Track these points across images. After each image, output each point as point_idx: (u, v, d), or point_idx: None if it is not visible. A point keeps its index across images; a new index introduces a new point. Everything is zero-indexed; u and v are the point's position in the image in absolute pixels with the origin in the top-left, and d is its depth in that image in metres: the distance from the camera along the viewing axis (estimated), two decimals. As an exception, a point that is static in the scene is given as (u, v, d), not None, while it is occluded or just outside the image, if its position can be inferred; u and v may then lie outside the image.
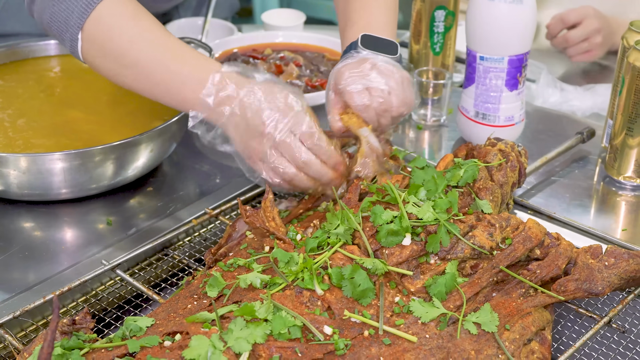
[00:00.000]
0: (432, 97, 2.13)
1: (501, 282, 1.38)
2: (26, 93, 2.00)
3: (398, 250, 1.36)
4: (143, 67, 1.61)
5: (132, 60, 1.60)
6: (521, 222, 1.43)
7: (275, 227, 1.43)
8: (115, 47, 1.61)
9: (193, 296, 1.30)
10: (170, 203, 1.80)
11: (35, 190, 1.74)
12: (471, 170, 1.51)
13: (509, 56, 1.88)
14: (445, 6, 2.16)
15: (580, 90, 2.29)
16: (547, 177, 1.91)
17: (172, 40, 1.62)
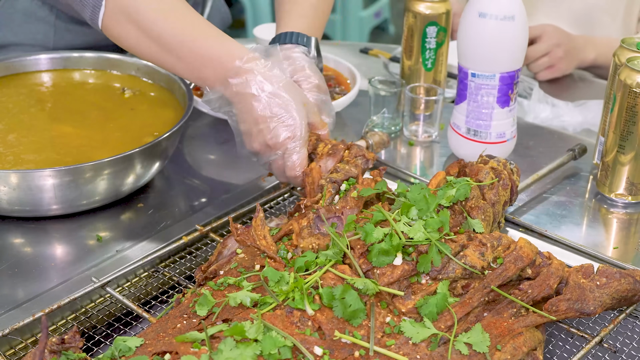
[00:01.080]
0: (423, 113, 2.12)
1: (492, 301, 1.37)
2: (16, 108, 2.00)
3: (389, 270, 1.35)
4: (167, 41, 1.64)
5: (157, 33, 1.63)
6: (512, 242, 1.43)
7: (266, 246, 1.43)
8: (141, 17, 1.63)
9: (183, 315, 1.30)
10: (161, 219, 1.80)
11: (26, 207, 1.74)
12: (463, 189, 1.50)
13: (500, 73, 1.88)
14: (437, 22, 2.16)
15: (571, 106, 2.29)
16: (539, 194, 1.91)
17: (199, 18, 1.68)
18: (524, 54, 1.91)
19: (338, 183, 1.57)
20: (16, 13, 2.44)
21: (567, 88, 2.52)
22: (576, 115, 2.27)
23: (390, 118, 2.16)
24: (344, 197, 1.53)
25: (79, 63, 2.16)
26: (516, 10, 1.84)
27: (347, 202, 1.52)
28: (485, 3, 1.84)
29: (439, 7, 2.16)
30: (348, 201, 1.52)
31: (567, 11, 2.76)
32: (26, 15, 2.43)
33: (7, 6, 2.45)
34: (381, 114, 2.15)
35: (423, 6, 2.16)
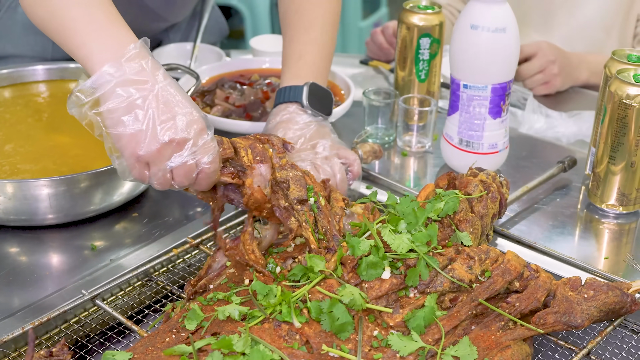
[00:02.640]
0: (417, 124, 2.14)
1: (480, 315, 1.38)
2: (14, 118, 2.01)
3: (377, 284, 1.36)
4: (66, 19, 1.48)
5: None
6: (500, 255, 1.44)
7: (254, 260, 1.44)
8: None
9: (172, 330, 1.31)
10: (155, 229, 1.81)
11: (21, 216, 1.75)
12: (452, 202, 1.51)
13: (492, 84, 1.90)
14: (431, 34, 2.17)
15: (565, 117, 2.30)
16: (530, 205, 1.92)
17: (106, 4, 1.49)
18: (516, 66, 1.92)
19: (304, 199, 1.51)
20: (15, 25, 2.45)
21: (561, 99, 2.52)
22: (570, 125, 2.28)
23: (384, 129, 2.17)
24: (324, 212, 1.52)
25: (76, 74, 2.16)
26: (508, 23, 1.85)
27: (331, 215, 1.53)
28: (477, 15, 1.85)
29: (432, 19, 2.17)
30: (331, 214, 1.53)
31: (560, 26, 2.77)
32: (25, 28, 2.45)
33: (6, 18, 2.46)
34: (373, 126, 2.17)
35: (416, 18, 2.17)
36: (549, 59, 2.48)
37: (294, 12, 1.96)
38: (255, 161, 1.49)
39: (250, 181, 1.48)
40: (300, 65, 1.90)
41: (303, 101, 1.82)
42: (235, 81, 2.35)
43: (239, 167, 1.48)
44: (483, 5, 1.85)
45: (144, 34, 1.61)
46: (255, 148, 1.50)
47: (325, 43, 1.95)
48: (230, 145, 1.48)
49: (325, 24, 1.95)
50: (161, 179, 1.44)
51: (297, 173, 1.51)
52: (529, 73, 2.49)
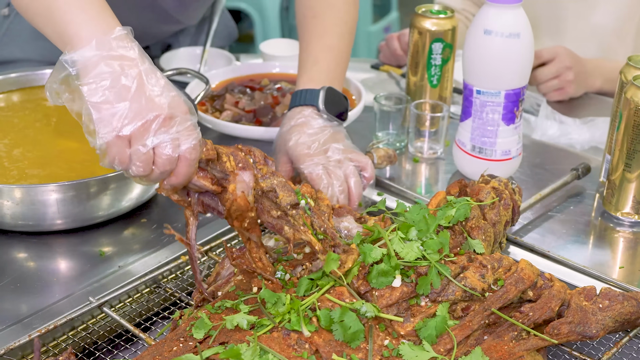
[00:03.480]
0: (429, 130, 2.12)
1: (493, 324, 1.36)
2: (22, 122, 2.00)
3: (388, 292, 1.34)
4: None
5: None
6: (514, 263, 1.42)
7: (262, 268, 1.42)
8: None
9: (179, 339, 1.29)
10: (163, 235, 1.79)
11: (29, 221, 1.74)
12: (463, 209, 1.49)
13: (505, 90, 1.88)
14: (443, 39, 2.16)
15: (579, 123, 2.28)
16: (543, 213, 1.90)
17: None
18: (530, 72, 1.90)
19: (297, 203, 1.47)
20: (24, 30, 2.45)
21: (575, 105, 2.51)
22: (584, 132, 2.26)
23: (395, 134, 2.16)
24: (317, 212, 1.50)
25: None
26: (522, 28, 1.83)
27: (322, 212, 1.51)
28: (491, 20, 1.84)
29: (444, 24, 2.16)
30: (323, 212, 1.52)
31: (571, 30, 2.74)
32: (34, 33, 2.44)
33: (15, 23, 2.45)
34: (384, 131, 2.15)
35: (429, 23, 2.16)
36: (566, 65, 2.46)
37: (312, 17, 1.96)
38: (238, 168, 1.44)
39: (233, 187, 1.43)
40: (316, 70, 1.90)
41: (319, 105, 1.82)
42: (245, 86, 2.34)
43: (220, 173, 1.44)
44: (497, 10, 1.83)
45: (155, 37, 1.60)
46: (237, 156, 1.46)
47: (341, 49, 1.95)
48: (212, 147, 1.44)
49: (343, 30, 1.96)
50: (142, 158, 1.36)
51: (280, 180, 1.47)
52: (544, 78, 2.47)
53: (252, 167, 1.45)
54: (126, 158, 1.38)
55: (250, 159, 1.47)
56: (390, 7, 6.12)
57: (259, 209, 1.47)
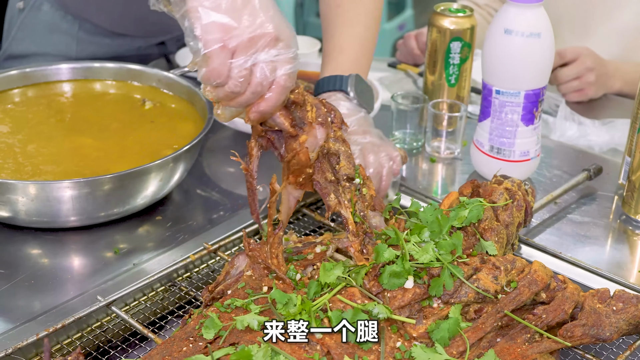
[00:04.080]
0: (446, 129, 2.10)
1: (506, 326, 1.35)
2: (36, 118, 2.00)
3: (400, 294, 1.33)
4: None
5: None
6: (527, 265, 1.40)
7: (276, 265, 1.41)
8: None
9: (189, 338, 1.28)
10: (178, 233, 1.79)
11: (43, 218, 1.74)
12: (476, 211, 1.48)
13: (525, 91, 1.86)
14: (462, 38, 2.14)
15: (598, 125, 2.27)
16: (555, 214, 1.88)
17: None
18: (550, 72, 1.89)
19: (353, 178, 1.47)
20: (39, 24, 2.45)
21: (594, 106, 2.49)
22: (603, 134, 2.24)
23: (412, 134, 2.15)
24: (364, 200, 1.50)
25: (100, 73, 2.15)
26: (543, 28, 1.82)
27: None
28: (511, 19, 1.82)
29: (463, 23, 2.14)
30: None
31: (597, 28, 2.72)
32: (49, 27, 2.44)
33: (30, 16, 2.46)
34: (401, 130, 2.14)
35: (447, 21, 2.15)
36: (587, 67, 2.44)
37: (336, 7, 1.94)
38: (317, 122, 1.43)
39: (304, 138, 1.42)
40: (342, 59, 1.87)
41: (348, 90, 1.78)
42: (262, 83, 2.33)
43: (299, 119, 1.43)
44: (517, 10, 1.81)
45: (169, 32, 1.56)
46: (320, 109, 1.44)
47: (367, 39, 1.93)
48: (302, 92, 1.42)
49: (368, 20, 1.93)
50: (242, 73, 1.32)
51: (347, 149, 1.48)
52: (565, 78, 2.45)
53: (329, 126, 1.45)
54: (225, 71, 1.34)
55: (329, 118, 1.47)
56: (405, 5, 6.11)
57: (317, 166, 1.46)
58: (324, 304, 1.31)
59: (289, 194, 1.49)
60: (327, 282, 1.35)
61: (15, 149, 1.87)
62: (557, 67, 2.44)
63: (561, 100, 2.42)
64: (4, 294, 1.60)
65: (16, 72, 2.11)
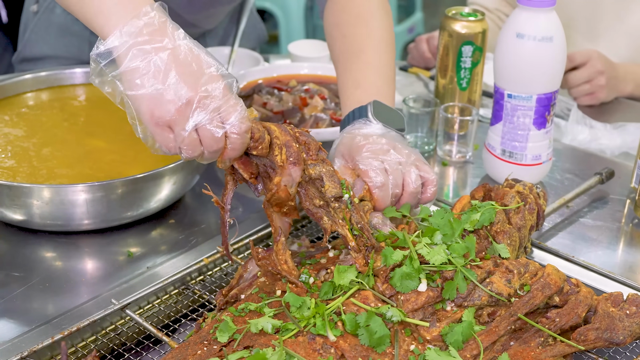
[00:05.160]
0: (458, 133, 2.11)
1: (519, 330, 1.36)
2: (50, 121, 2.01)
3: (414, 297, 1.34)
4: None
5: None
6: (540, 268, 1.41)
7: (287, 270, 1.41)
8: None
9: (203, 342, 1.28)
10: (191, 236, 1.80)
11: (58, 221, 1.75)
12: (488, 214, 1.48)
13: (537, 95, 1.86)
14: (473, 42, 2.15)
15: (609, 128, 2.27)
16: (568, 217, 1.88)
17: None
18: (562, 76, 1.89)
19: (340, 196, 1.45)
20: (52, 27, 2.46)
21: (606, 110, 2.49)
22: (615, 137, 2.24)
23: (424, 137, 2.15)
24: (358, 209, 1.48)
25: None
26: (555, 31, 1.82)
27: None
28: (523, 23, 1.82)
29: (475, 27, 2.15)
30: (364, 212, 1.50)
31: (607, 31, 2.72)
32: (61, 30, 2.46)
33: (43, 19, 2.47)
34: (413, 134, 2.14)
35: (459, 25, 2.15)
36: (598, 70, 2.44)
37: (341, 37, 1.85)
38: (289, 162, 1.42)
39: (278, 180, 1.41)
40: (359, 93, 1.76)
41: (369, 116, 1.67)
42: (272, 87, 2.34)
43: (270, 164, 1.43)
44: (529, 14, 1.82)
45: None
46: (290, 148, 1.42)
47: (382, 64, 1.81)
48: (265, 145, 1.41)
49: (379, 44, 1.83)
50: (187, 142, 1.35)
51: (329, 168, 1.45)
52: (575, 82, 2.45)
53: (302, 163, 1.43)
54: (171, 144, 1.37)
55: (304, 153, 1.45)
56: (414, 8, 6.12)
57: (302, 194, 1.46)
58: (338, 307, 1.32)
59: (279, 219, 1.49)
60: (340, 285, 1.36)
61: (29, 152, 1.88)
62: (567, 70, 2.44)
63: (573, 104, 2.42)
64: (18, 296, 1.61)
65: (30, 76, 2.13)
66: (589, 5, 2.72)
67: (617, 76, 2.50)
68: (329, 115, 2.19)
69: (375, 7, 1.86)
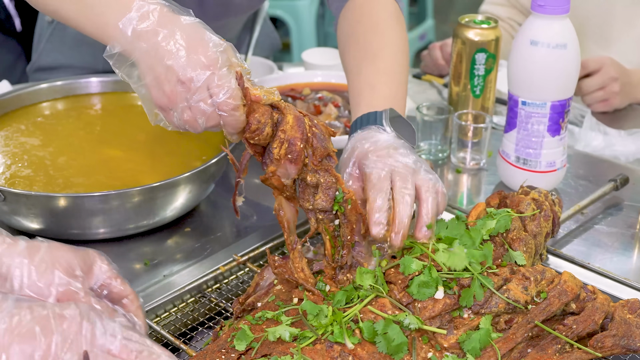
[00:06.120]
0: (471, 140, 2.11)
1: (536, 337, 1.36)
2: (66, 130, 2.02)
3: (431, 304, 1.34)
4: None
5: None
6: (556, 275, 1.41)
7: (304, 278, 1.42)
8: None
9: (221, 350, 1.29)
10: (207, 244, 1.80)
11: (74, 230, 1.76)
12: (504, 221, 1.49)
13: (551, 102, 1.87)
14: (486, 49, 2.15)
15: (624, 135, 2.26)
16: (583, 224, 1.88)
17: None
18: (576, 83, 1.89)
19: (328, 210, 1.45)
20: (67, 36, 2.47)
21: (620, 116, 2.49)
22: (629, 144, 2.24)
23: (438, 145, 2.15)
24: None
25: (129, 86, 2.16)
26: (568, 38, 1.82)
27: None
28: (537, 31, 1.83)
29: (488, 34, 2.15)
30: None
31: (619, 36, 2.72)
32: (76, 39, 2.47)
33: (58, 29, 2.49)
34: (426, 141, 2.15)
35: (472, 33, 2.16)
36: (611, 76, 2.44)
37: (355, 43, 1.82)
38: (286, 158, 1.41)
39: (273, 169, 1.42)
40: (375, 96, 1.71)
41: (384, 124, 1.61)
42: (286, 95, 2.34)
43: (268, 153, 1.43)
44: (543, 21, 1.82)
45: None
46: (293, 145, 1.40)
47: (396, 72, 1.76)
48: (263, 136, 1.41)
49: (393, 52, 1.79)
50: (181, 122, 1.44)
51: (329, 179, 1.43)
52: (589, 89, 2.45)
53: (301, 163, 1.42)
54: (176, 122, 1.45)
55: (306, 156, 1.43)
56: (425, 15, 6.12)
57: (299, 191, 1.46)
58: (355, 315, 1.32)
59: (285, 204, 1.49)
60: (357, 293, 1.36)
61: (45, 161, 1.89)
62: (580, 77, 2.44)
63: (587, 110, 2.42)
64: (36, 305, 1.62)
65: (46, 85, 2.14)
66: (601, 11, 2.72)
67: (630, 82, 2.49)
68: (342, 123, 2.20)
69: (391, 18, 1.85)
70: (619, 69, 2.47)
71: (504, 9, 2.90)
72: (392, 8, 1.87)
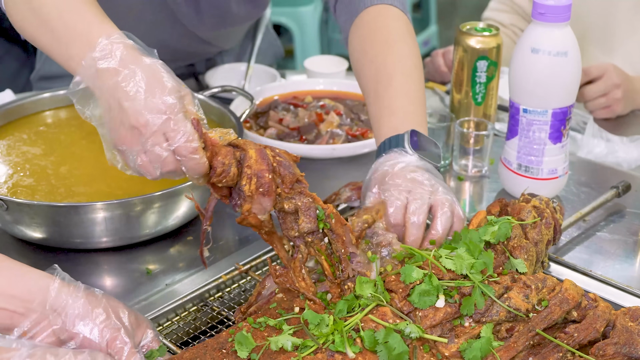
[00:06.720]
0: (473, 148, 2.11)
1: (537, 345, 1.36)
2: (68, 139, 2.03)
3: (432, 313, 1.34)
4: (45, 11, 1.48)
5: (39, 3, 1.49)
6: (558, 283, 1.41)
7: (305, 287, 1.42)
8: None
9: (222, 350, 1.29)
10: (209, 253, 1.78)
11: (76, 239, 1.76)
12: (504, 228, 1.49)
13: (552, 109, 1.87)
14: (488, 56, 2.15)
15: (626, 142, 2.26)
16: (585, 232, 1.88)
17: None
18: (577, 90, 1.89)
19: (315, 230, 1.45)
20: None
21: (622, 123, 2.49)
22: (631, 150, 2.24)
23: (440, 152, 2.15)
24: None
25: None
26: (569, 46, 1.82)
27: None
28: (538, 38, 1.83)
29: (489, 42, 2.15)
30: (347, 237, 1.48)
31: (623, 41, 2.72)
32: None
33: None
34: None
35: (474, 40, 2.16)
36: (614, 83, 2.44)
37: (369, 63, 1.83)
38: (258, 192, 1.42)
39: (248, 207, 1.43)
40: (393, 121, 1.72)
41: (406, 146, 1.64)
42: (288, 103, 2.35)
43: (239, 192, 1.43)
44: (544, 29, 1.82)
45: (195, 55, 1.57)
46: (262, 178, 1.41)
47: (412, 89, 1.78)
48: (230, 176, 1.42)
49: (408, 68, 1.80)
50: (137, 167, 1.42)
51: (305, 200, 1.44)
52: (591, 96, 2.45)
53: (273, 194, 1.43)
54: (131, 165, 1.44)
55: (277, 186, 1.44)
56: (429, 21, 6.12)
57: (281, 223, 1.47)
58: (356, 324, 1.32)
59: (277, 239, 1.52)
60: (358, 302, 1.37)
61: (48, 170, 1.89)
62: (583, 84, 2.44)
63: (589, 117, 2.41)
64: (39, 314, 1.62)
65: (48, 94, 2.14)
66: (603, 17, 2.72)
67: (633, 89, 2.49)
68: (344, 131, 2.20)
69: (402, 32, 1.86)
70: (622, 76, 2.47)
71: (506, 15, 2.90)
72: (402, 21, 1.89)
